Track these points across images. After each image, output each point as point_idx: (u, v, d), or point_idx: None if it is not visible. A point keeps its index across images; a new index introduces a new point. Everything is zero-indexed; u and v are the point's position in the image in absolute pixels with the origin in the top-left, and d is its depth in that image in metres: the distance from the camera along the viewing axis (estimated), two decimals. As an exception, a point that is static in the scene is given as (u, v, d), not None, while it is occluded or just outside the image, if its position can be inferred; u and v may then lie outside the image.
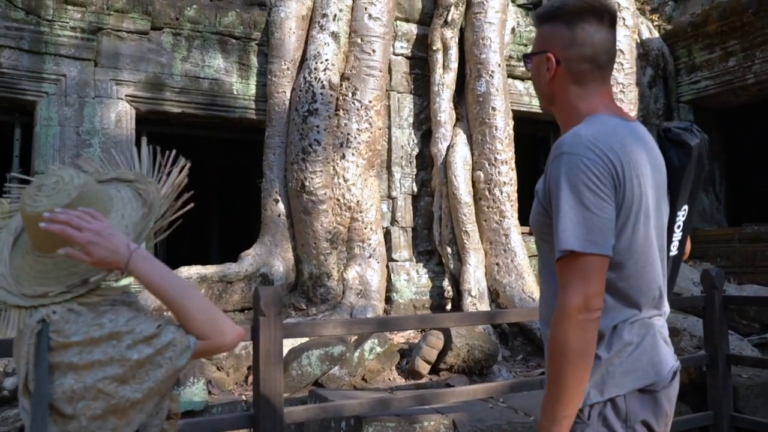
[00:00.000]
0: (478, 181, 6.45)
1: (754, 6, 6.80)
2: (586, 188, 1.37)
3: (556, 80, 1.54)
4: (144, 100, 5.84)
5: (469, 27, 6.69)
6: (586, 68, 1.52)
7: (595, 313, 1.35)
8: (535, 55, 1.59)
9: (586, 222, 1.36)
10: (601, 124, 1.46)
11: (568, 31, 1.52)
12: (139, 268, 1.32)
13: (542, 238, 1.54)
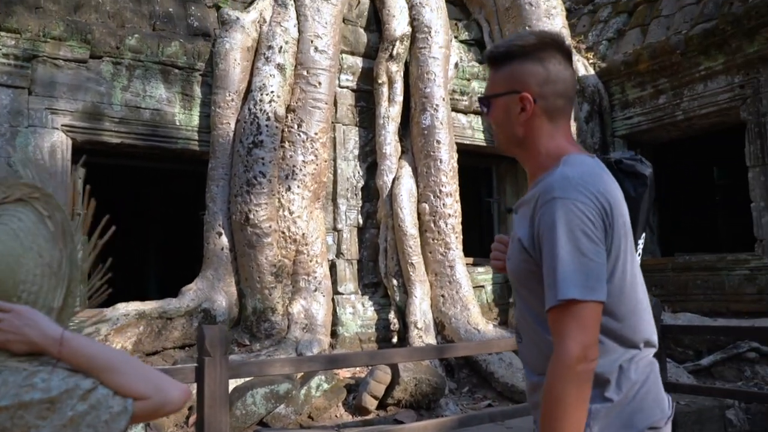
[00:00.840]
0: (423, 213, 6.49)
1: (682, 47, 7.15)
2: (582, 234, 1.33)
3: (531, 120, 1.49)
4: (81, 130, 5.65)
5: (414, 61, 6.79)
6: (560, 104, 1.49)
7: (593, 363, 1.32)
8: (501, 96, 1.51)
9: (583, 269, 1.32)
10: (583, 165, 1.43)
11: (542, 68, 1.47)
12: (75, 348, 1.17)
13: (525, 285, 1.48)
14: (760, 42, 6.48)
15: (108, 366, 1.18)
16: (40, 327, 1.16)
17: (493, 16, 7.92)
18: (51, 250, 1.25)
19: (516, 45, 1.49)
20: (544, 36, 1.49)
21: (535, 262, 1.42)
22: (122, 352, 1.26)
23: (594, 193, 1.36)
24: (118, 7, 6.07)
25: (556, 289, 1.32)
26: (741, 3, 6.79)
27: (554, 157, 1.47)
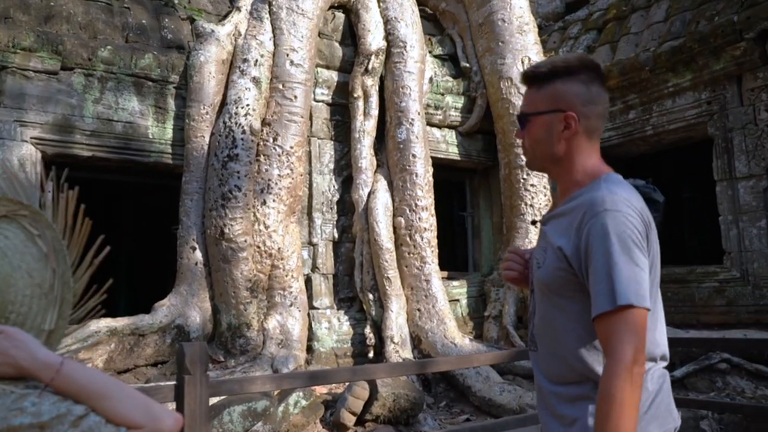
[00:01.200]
0: (399, 227, 6.49)
1: (651, 64, 7.30)
2: (633, 244, 1.40)
3: (573, 138, 1.54)
4: (51, 143, 5.54)
5: (389, 76, 6.81)
6: (599, 125, 1.57)
7: (644, 367, 1.37)
8: (544, 113, 1.55)
9: (636, 277, 1.38)
10: (623, 184, 1.50)
11: (585, 89, 1.53)
12: (68, 375, 1.11)
13: (559, 292, 1.51)
14: (726, 60, 6.64)
15: (101, 393, 1.14)
16: (29, 350, 1.11)
17: (466, 31, 8.01)
18: (41, 270, 1.20)
19: (560, 65, 1.55)
20: (584, 59, 1.56)
21: (574, 271, 1.47)
22: (116, 380, 1.22)
23: (638, 209, 1.45)
24: (89, 18, 5.99)
25: (614, 296, 1.36)
26: (707, 22, 6.97)
27: (591, 174, 1.54)
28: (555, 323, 1.53)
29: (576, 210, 1.48)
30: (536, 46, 7.65)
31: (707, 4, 7.24)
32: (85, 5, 6.09)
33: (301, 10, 6.32)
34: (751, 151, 6.42)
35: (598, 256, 1.41)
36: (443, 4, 8.35)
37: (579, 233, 1.46)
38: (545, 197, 7.24)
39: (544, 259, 1.55)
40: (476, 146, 7.93)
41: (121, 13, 6.28)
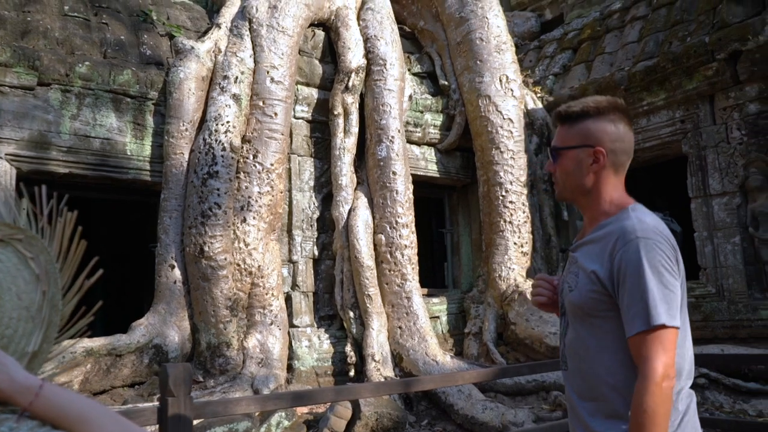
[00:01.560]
0: (379, 244, 6.48)
1: (626, 83, 7.44)
2: (664, 269, 1.54)
3: (600, 171, 1.69)
4: (27, 160, 5.44)
5: (370, 93, 6.84)
6: (624, 160, 1.71)
7: (673, 381, 1.51)
8: (575, 148, 1.70)
9: (666, 298, 1.52)
10: (651, 214, 1.65)
11: (614, 127, 1.68)
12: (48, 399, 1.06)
13: (593, 314, 1.65)
14: (698, 79, 6.80)
15: (81, 418, 1.11)
16: (8, 372, 1.08)
17: (444, 50, 8.08)
18: (31, 293, 1.18)
19: (591, 106, 1.70)
20: (613, 101, 1.72)
21: (608, 293, 1.61)
22: (98, 403, 1.19)
23: (667, 236, 1.60)
24: (67, 33, 5.92)
25: (647, 316, 1.51)
26: (680, 42, 7.13)
27: (618, 205, 1.69)
28: (588, 342, 1.66)
29: (607, 237, 1.63)
30: (514, 65, 7.74)
31: (679, 26, 7.42)
32: (63, 20, 6.03)
33: (281, 27, 6.33)
34: (724, 169, 6.55)
35: (632, 280, 1.55)
36: (422, 23, 8.44)
37: (612, 258, 1.60)
38: (524, 214, 7.30)
39: (576, 282, 1.68)
40: (455, 163, 7.98)
41: (99, 29, 6.22)
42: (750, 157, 6.36)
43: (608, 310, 1.61)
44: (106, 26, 6.26)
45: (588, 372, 1.65)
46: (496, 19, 7.75)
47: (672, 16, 7.68)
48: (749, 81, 6.42)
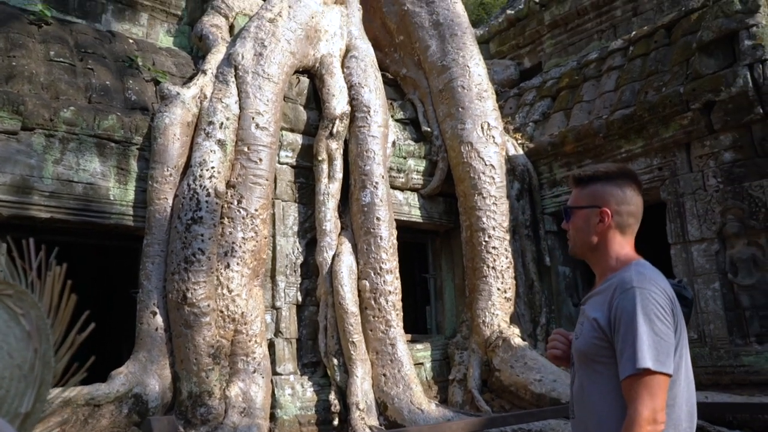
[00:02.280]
0: (363, 290, 6.45)
1: (604, 131, 7.60)
2: (656, 317, 1.63)
3: (606, 231, 1.84)
4: (8, 204, 5.37)
5: (354, 139, 6.90)
6: (631, 222, 1.86)
7: (661, 426, 1.57)
8: (584, 208, 1.87)
9: (656, 345, 1.60)
10: (652, 268, 1.77)
11: (620, 191, 1.84)
12: None
13: (595, 359, 1.75)
14: (675, 128, 6.97)
15: None
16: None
17: (427, 97, 8.22)
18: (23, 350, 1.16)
19: (601, 171, 1.89)
20: (623, 168, 1.90)
21: (607, 339, 1.71)
22: None
23: (663, 288, 1.70)
24: (52, 78, 5.93)
25: (634, 360, 1.60)
26: (655, 92, 7.33)
27: (624, 261, 1.82)
28: (591, 388, 1.76)
29: (609, 288, 1.76)
30: (495, 112, 7.89)
31: (654, 76, 7.64)
32: (48, 65, 6.04)
33: (266, 74, 6.40)
34: (702, 216, 6.68)
35: (625, 327, 1.64)
36: (404, 71, 8.59)
37: (610, 306, 1.71)
38: (507, 259, 7.34)
39: (581, 331, 1.81)
40: (438, 209, 8.04)
41: (84, 74, 6.24)
42: (727, 204, 6.50)
43: (608, 357, 1.69)
44: (92, 72, 6.27)
45: (591, 418, 1.73)
46: (477, 67, 7.92)
47: (647, 66, 7.91)
48: (723, 130, 6.60)
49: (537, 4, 10.67)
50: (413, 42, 8.34)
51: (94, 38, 6.73)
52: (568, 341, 1.96)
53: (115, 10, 7.46)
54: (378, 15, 8.82)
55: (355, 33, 7.56)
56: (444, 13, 8.17)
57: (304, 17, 6.98)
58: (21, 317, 1.19)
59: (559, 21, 10.46)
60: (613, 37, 9.70)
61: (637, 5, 9.63)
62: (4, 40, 5.94)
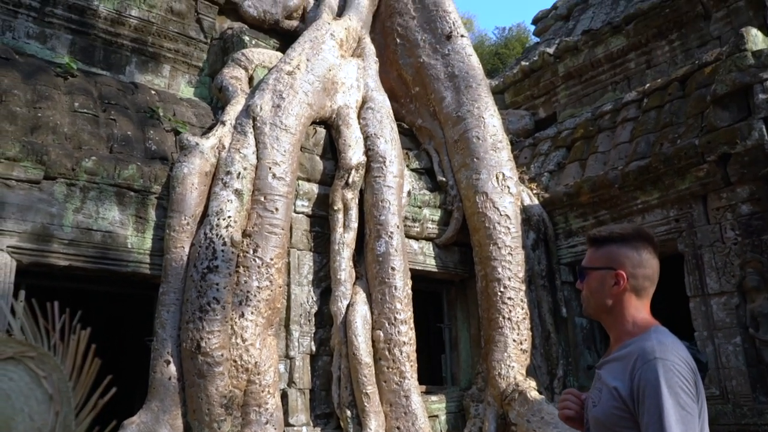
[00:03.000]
0: (378, 340, 6.41)
1: (619, 182, 7.60)
2: (681, 390, 1.61)
3: (621, 294, 1.82)
4: (28, 252, 5.45)
5: (369, 189, 6.96)
6: (646, 285, 1.84)
7: None
8: (599, 269, 1.85)
9: (683, 419, 1.59)
10: (671, 336, 1.75)
11: (636, 254, 1.83)
12: None
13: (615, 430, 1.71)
14: (691, 180, 6.95)
15: None
16: None
17: (442, 147, 8.31)
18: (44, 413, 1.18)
19: (617, 232, 1.88)
20: (639, 229, 1.89)
21: (629, 410, 1.68)
22: None
23: (685, 358, 1.68)
24: (76, 129, 6.08)
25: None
26: (670, 144, 7.35)
27: (641, 326, 1.80)
28: None
29: (629, 356, 1.72)
30: (510, 163, 7.94)
31: (669, 128, 7.66)
32: (72, 116, 6.20)
33: (284, 125, 6.51)
34: (720, 269, 6.60)
35: (650, 400, 1.62)
36: (420, 121, 8.70)
37: (632, 377, 1.68)
38: (522, 310, 7.27)
39: (599, 398, 1.77)
40: (453, 258, 8.02)
41: (107, 125, 6.39)
42: (746, 257, 6.42)
43: (629, 428, 1.67)
44: (114, 122, 6.43)
45: None
46: (492, 118, 8.01)
47: (662, 118, 7.94)
48: (740, 183, 6.58)
49: (551, 55, 10.83)
50: (429, 93, 8.47)
51: (118, 90, 6.92)
52: (580, 401, 1.93)
53: (138, 62, 7.67)
54: (394, 67, 8.99)
55: (371, 85, 7.70)
56: (459, 66, 8.31)
57: (322, 70, 7.14)
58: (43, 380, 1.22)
59: (574, 72, 10.60)
60: (627, 89, 9.79)
61: (651, 58, 9.75)
62: (32, 92, 6.12)
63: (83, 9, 7.19)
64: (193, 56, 8.00)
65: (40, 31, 7.07)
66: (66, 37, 7.20)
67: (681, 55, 9.39)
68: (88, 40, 7.33)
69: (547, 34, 12.70)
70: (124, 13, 7.40)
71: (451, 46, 8.45)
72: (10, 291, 5.32)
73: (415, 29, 8.80)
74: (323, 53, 7.29)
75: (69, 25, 7.17)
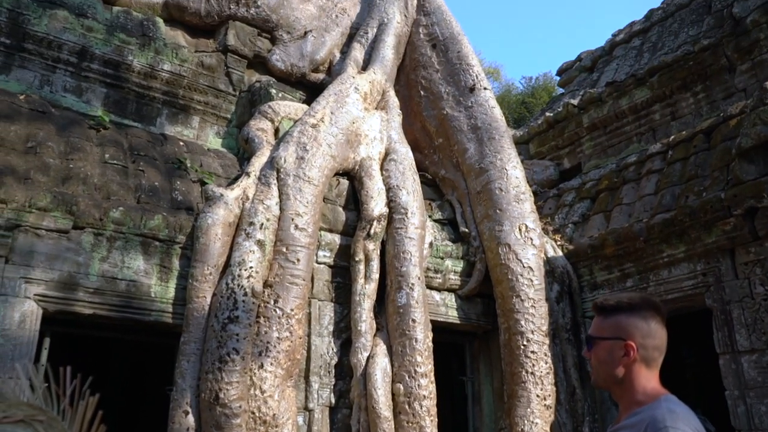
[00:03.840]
0: (397, 393, 6.33)
1: (645, 234, 7.51)
2: None
3: (631, 364, 1.81)
4: (54, 300, 5.55)
5: (391, 240, 6.99)
6: (656, 355, 1.83)
7: None
8: (608, 339, 1.84)
9: None
10: (681, 405, 1.75)
11: (645, 324, 1.82)
12: None
13: None
14: (717, 234, 6.84)
15: None
16: None
17: (464, 198, 8.33)
18: None
19: (625, 302, 1.87)
20: (647, 299, 1.89)
21: None
22: None
23: (695, 427, 1.66)
24: (105, 179, 6.25)
25: None
26: (696, 197, 7.27)
27: (651, 395, 1.79)
28: None
29: (639, 424, 1.71)
30: (533, 214, 7.91)
31: (694, 180, 7.60)
32: (102, 167, 6.38)
33: (307, 177, 6.61)
34: (750, 325, 6.43)
35: None
36: (443, 171, 8.76)
37: None
38: (546, 365, 7.14)
39: None
40: (476, 310, 7.95)
41: (135, 175, 6.56)
42: (776, 313, 6.25)
43: None
44: (143, 173, 6.60)
45: None
46: (515, 170, 8.03)
47: (687, 170, 7.89)
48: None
49: (576, 107, 10.88)
50: (452, 144, 8.55)
51: (147, 141, 7.12)
52: None
53: (169, 113, 7.91)
54: (418, 118, 9.11)
55: (394, 137, 7.81)
56: (482, 118, 8.39)
57: (346, 123, 7.27)
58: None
59: (598, 123, 10.62)
60: (652, 140, 9.76)
61: (676, 109, 9.73)
62: (65, 144, 6.34)
63: (118, 63, 7.47)
64: (222, 108, 8.22)
65: (77, 85, 7.35)
66: (101, 90, 7.47)
67: (706, 106, 9.36)
68: (122, 93, 7.59)
69: (572, 85, 12.80)
70: (157, 67, 7.66)
71: (474, 99, 8.55)
72: (35, 339, 5.41)
73: (439, 82, 8.95)
74: (347, 106, 7.44)
75: (104, 78, 7.45)
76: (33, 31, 7.00)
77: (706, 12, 10.46)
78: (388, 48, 8.89)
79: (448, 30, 9.26)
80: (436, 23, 9.39)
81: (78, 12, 7.42)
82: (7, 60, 6.99)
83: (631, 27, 12.38)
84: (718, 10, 10.01)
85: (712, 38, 9.35)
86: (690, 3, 11.08)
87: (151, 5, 8.27)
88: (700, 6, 10.72)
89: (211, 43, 8.55)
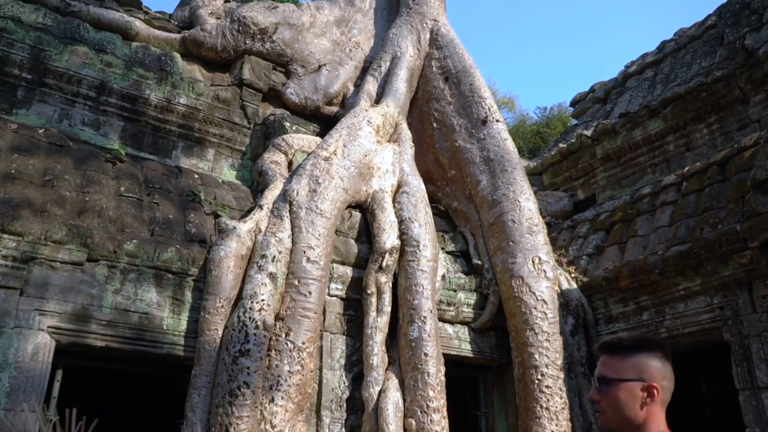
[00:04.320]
0: (410, 428, 6.25)
1: (660, 267, 7.42)
2: None
3: (652, 407, 1.78)
4: (67, 332, 5.58)
5: (403, 273, 6.97)
6: (667, 397, 1.81)
7: None
8: (629, 381, 1.78)
9: None
10: None
11: (662, 365, 1.80)
12: None
13: None
14: (734, 266, 6.75)
15: None
16: None
17: (477, 230, 8.31)
18: None
19: (645, 342, 1.83)
20: (658, 340, 1.89)
21: None
22: None
23: None
24: (120, 212, 6.32)
25: None
26: (711, 229, 7.19)
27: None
28: None
29: None
30: (546, 246, 7.87)
31: (709, 212, 7.52)
32: (117, 200, 6.46)
33: (319, 210, 6.65)
34: (770, 360, 6.30)
35: None
36: (456, 203, 8.76)
37: None
38: (561, 399, 7.03)
39: None
40: (489, 343, 7.87)
41: (150, 208, 6.63)
42: (795, 348, 6.13)
43: None
44: (157, 205, 6.67)
45: None
46: (528, 202, 8.01)
47: (701, 202, 7.82)
48: (786, 270, 6.36)
49: (589, 138, 10.88)
50: (464, 176, 8.57)
51: (162, 174, 7.21)
52: None
53: (185, 146, 8.02)
54: (431, 150, 9.16)
55: (406, 169, 7.85)
56: (495, 150, 8.41)
57: (358, 155, 7.32)
58: None
59: (612, 155, 10.59)
60: (666, 171, 9.71)
61: (690, 140, 9.70)
62: (81, 177, 6.43)
63: (135, 97, 7.61)
64: (237, 141, 8.32)
65: (95, 119, 7.49)
66: (118, 123, 7.60)
67: (720, 137, 9.32)
68: (139, 126, 7.72)
69: (585, 116, 12.81)
70: (173, 101, 7.80)
71: (487, 131, 8.58)
72: (47, 372, 5.42)
73: (452, 114, 9.00)
74: (360, 139, 7.50)
75: (121, 112, 7.59)
76: (54, 67, 7.17)
77: (718, 44, 10.47)
78: (400, 81, 8.98)
79: (460, 63, 9.35)
80: (448, 56, 9.49)
81: (98, 48, 7.59)
82: (27, 94, 7.15)
83: (644, 58, 12.40)
84: (731, 42, 10.02)
85: (724, 69, 9.34)
86: (702, 35, 11.10)
87: (168, 40, 8.45)
88: (713, 38, 10.73)
89: (226, 77, 8.70)
